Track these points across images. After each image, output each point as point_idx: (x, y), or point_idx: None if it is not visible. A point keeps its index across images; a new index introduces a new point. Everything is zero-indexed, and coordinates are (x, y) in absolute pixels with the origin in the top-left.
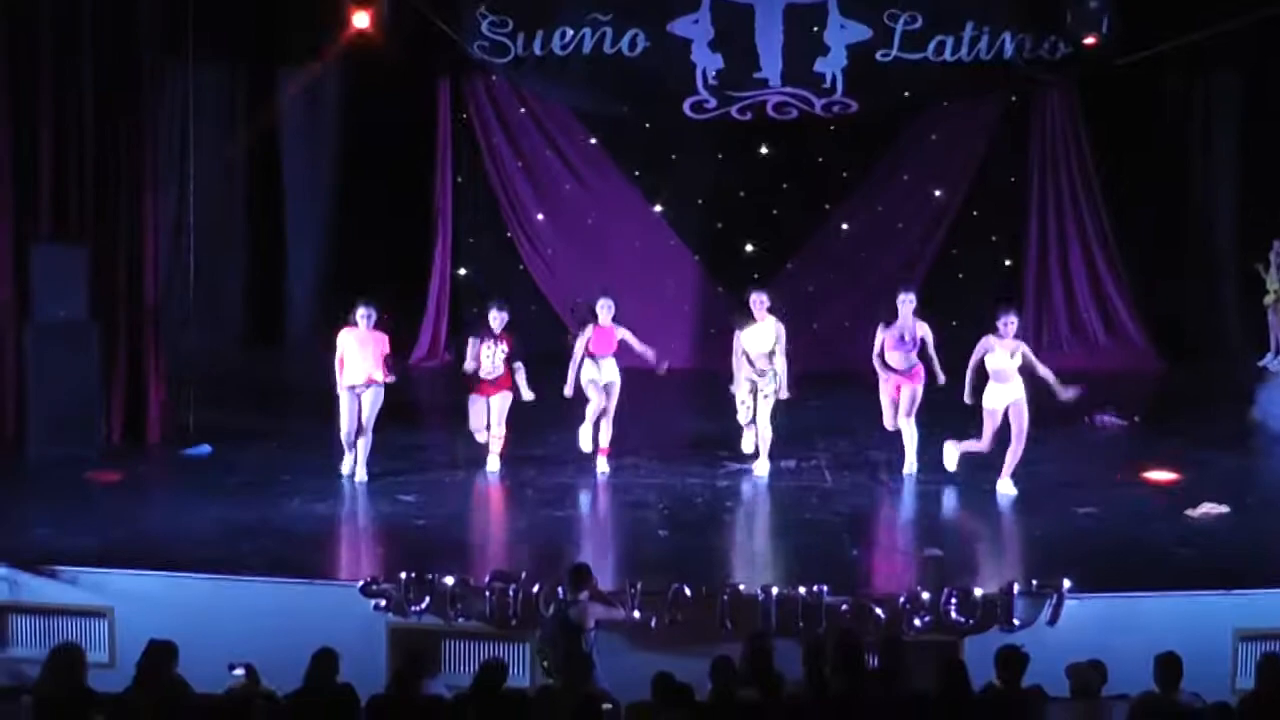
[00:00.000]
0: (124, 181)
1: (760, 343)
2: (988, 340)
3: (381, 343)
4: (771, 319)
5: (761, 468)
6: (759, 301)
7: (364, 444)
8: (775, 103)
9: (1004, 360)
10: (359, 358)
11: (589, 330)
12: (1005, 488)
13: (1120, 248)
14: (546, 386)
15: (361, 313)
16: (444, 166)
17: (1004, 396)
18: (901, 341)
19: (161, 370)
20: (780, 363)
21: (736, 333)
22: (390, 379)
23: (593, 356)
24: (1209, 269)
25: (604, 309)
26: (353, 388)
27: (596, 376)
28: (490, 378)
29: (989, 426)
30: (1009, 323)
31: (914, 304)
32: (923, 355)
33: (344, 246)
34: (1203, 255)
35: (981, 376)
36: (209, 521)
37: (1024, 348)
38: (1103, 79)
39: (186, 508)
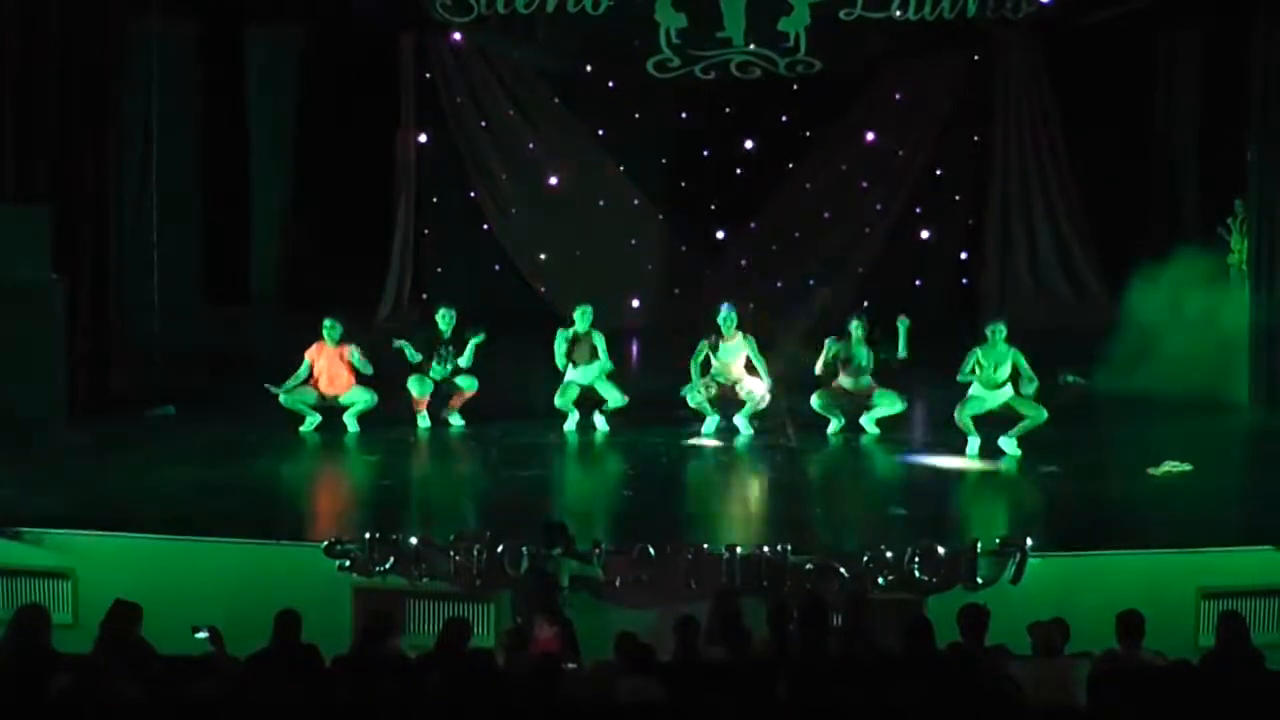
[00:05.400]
0: (88, 140)
1: (730, 359)
2: (976, 352)
3: (346, 356)
4: (739, 335)
5: (744, 427)
6: (728, 318)
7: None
8: (739, 62)
9: (991, 372)
10: (328, 373)
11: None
12: (1009, 446)
13: (1084, 205)
14: (508, 351)
15: (327, 324)
16: (408, 125)
17: (998, 398)
18: (851, 365)
19: (125, 330)
20: (762, 385)
21: (705, 345)
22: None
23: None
24: (1173, 226)
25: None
26: (322, 397)
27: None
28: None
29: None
30: (996, 331)
31: (864, 333)
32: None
33: (308, 205)
34: (1166, 212)
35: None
36: (172, 482)
37: (1016, 357)
38: (1065, 36)
39: (150, 468)
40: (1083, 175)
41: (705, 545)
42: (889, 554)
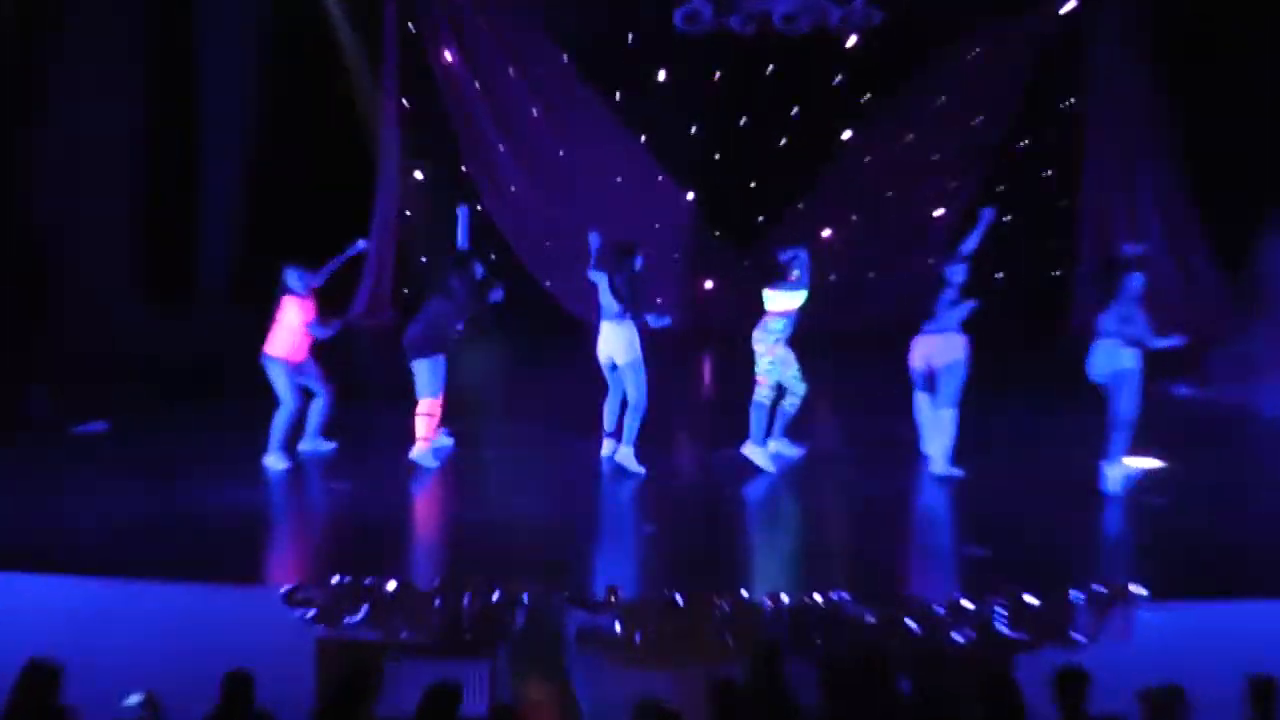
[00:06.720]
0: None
1: (790, 308)
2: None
3: (309, 309)
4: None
5: (785, 449)
6: (796, 258)
7: (319, 406)
8: (784, 12)
9: None
10: (290, 328)
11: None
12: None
13: (1199, 184)
14: (510, 356)
15: (291, 276)
16: (388, 88)
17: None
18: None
19: (50, 335)
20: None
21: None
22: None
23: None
24: None
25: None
26: (286, 361)
27: (601, 347)
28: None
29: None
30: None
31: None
32: None
33: (269, 185)
34: None
35: None
36: (103, 513)
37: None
38: None
39: (76, 496)
40: (1193, 149)
41: (744, 592)
42: (967, 604)
